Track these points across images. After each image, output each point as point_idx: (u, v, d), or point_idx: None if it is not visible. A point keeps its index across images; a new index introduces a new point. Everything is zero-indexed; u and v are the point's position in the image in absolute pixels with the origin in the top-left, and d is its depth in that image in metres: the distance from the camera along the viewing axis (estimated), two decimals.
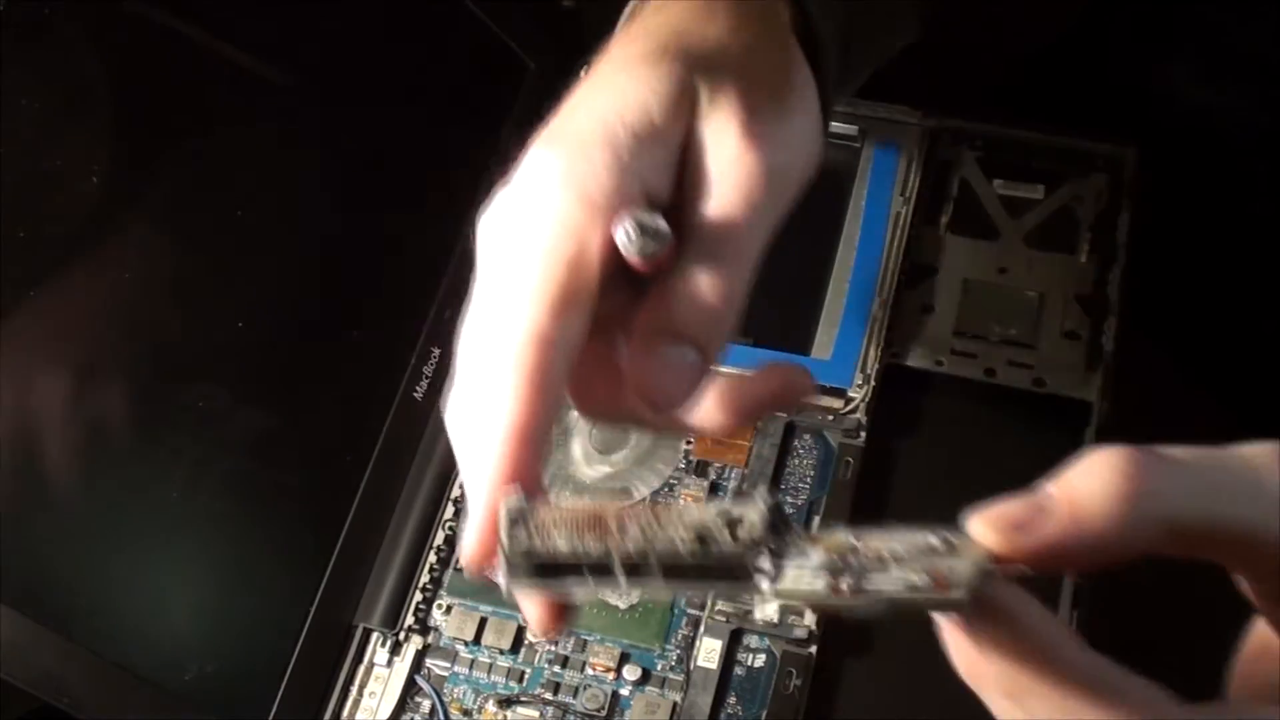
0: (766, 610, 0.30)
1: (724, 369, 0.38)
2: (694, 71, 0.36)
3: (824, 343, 0.59)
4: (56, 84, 0.49)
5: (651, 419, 0.37)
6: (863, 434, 0.57)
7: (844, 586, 0.29)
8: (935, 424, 0.59)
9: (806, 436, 0.58)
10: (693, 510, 0.31)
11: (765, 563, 0.30)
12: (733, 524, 0.30)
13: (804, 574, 0.30)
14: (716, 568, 0.30)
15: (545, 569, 0.31)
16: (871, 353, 0.58)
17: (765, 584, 0.30)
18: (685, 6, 0.38)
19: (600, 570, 0.31)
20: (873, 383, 0.58)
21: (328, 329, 0.58)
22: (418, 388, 0.60)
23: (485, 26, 0.66)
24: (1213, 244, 0.63)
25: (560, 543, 0.31)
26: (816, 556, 0.30)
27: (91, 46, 0.51)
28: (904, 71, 0.66)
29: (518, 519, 0.31)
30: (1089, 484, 0.29)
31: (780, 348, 0.59)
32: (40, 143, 0.48)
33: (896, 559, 0.30)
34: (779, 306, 0.61)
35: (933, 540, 0.31)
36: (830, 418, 0.58)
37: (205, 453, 0.52)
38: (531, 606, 0.34)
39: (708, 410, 0.39)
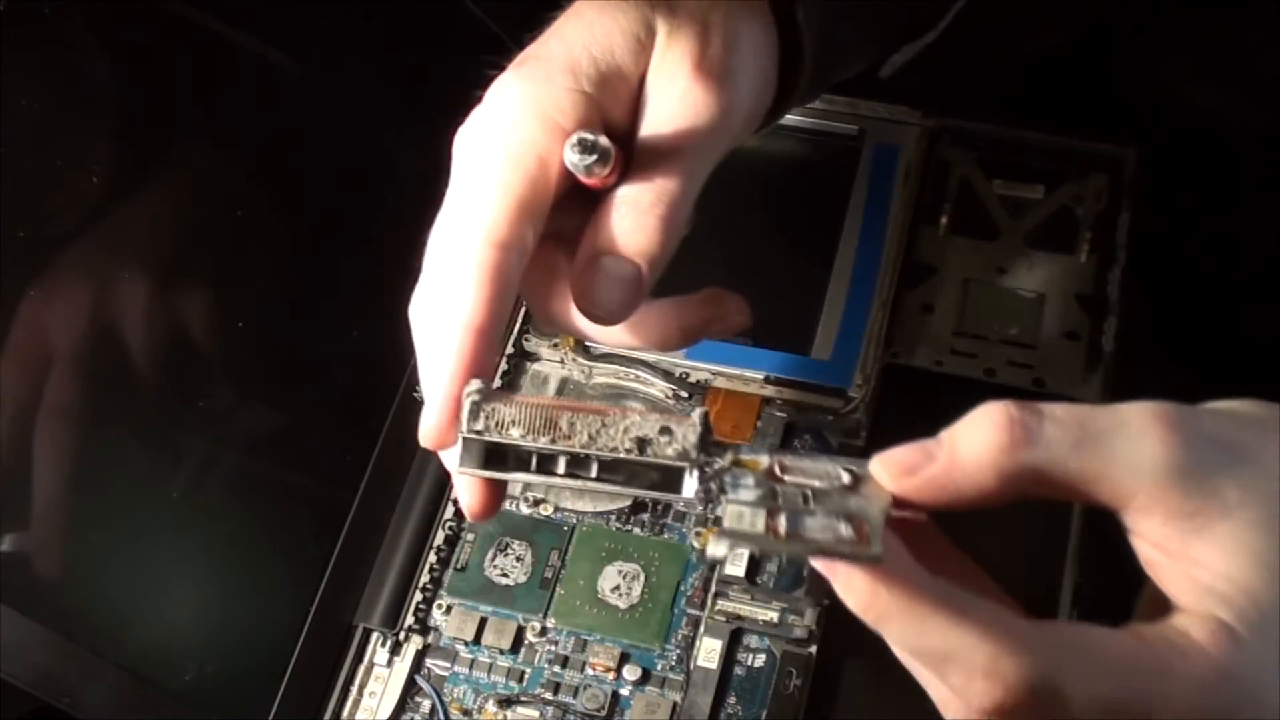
0: (716, 550, 0.32)
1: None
2: (657, 13, 0.39)
3: (824, 343, 0.59)
4: (56, 84, 0.49)
5: (595, 333, 0.41)
6: (863, 434, 0.57)
7: (781, 530, 0.32)
8: (935, 424, 0.58)
9: (806, 436, 0.58)
10: (635, 419, 0.34)
11: (691, 479, 0.34)
12: (669, 435, 0.34)
13: (744, 512, 0.32)
14: (648, 473, 0.34)
15: (496, 456, 0.34)
16: (871, 353, 0.58)
17: (691, 492, 0.34)
18: None
19: (545, 463, 0.34)
20: (873, 383, 0.58)
21: (328, 329, 0.58)
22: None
23: (485, 26, 0.66)
24: (1213, 244, 0.63)
25: (514, 433, 0.34)
26: (748, 491, 0.33)
27: (91, 46, 0.51)
28: (904, 71, 0.66)
29: (477, 409, 0.34)
30: (970, 436, 0.33)
31: (780, 348, 0.59)
32: (40, 143, 0.48)
33: (816, 496, 0.33)
34: (779, 306, 0.61)
35: (842, 474, 0.34)
36: (830, 418, 0.58)
37: (205, 452, 0.52)
38: (468, 492, 0.37)
39: (645, 327, 0.42)
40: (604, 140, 0.37)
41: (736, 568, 0.54)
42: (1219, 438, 0.33)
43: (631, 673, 0.53)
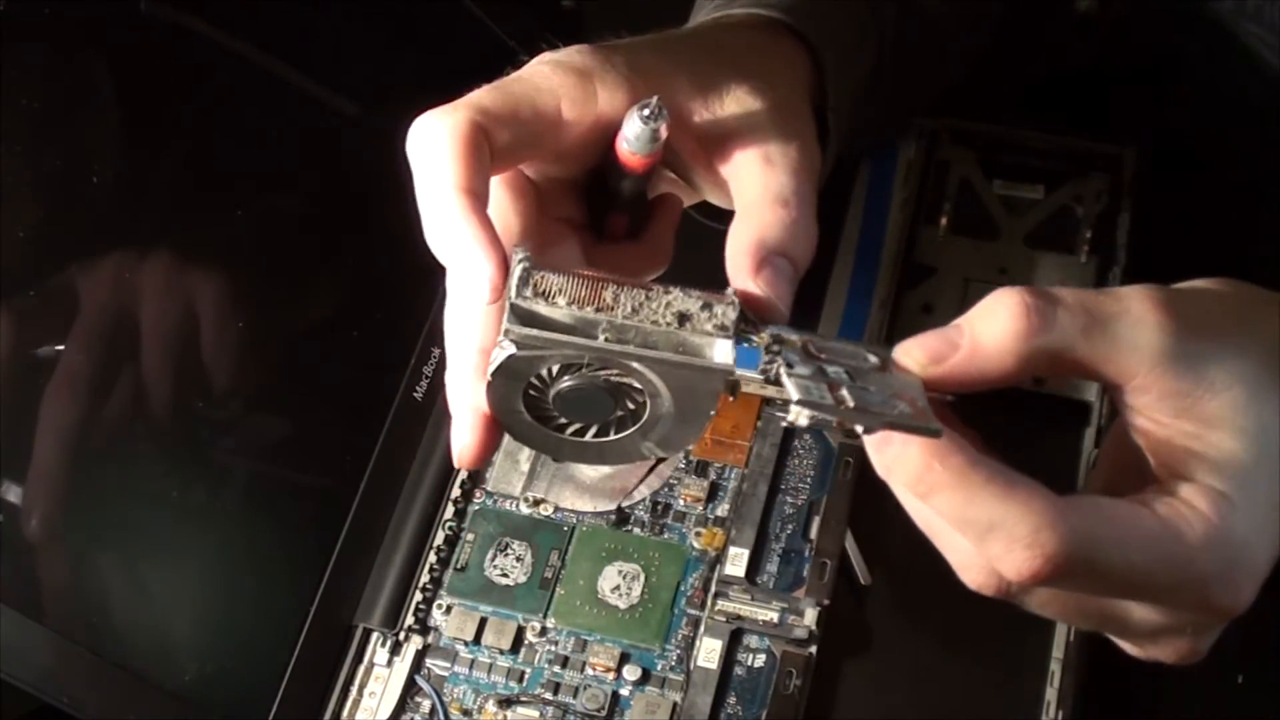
0: (799, 419, 0.34)
1: None
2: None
3: None
4: (57, 84, 0.49)
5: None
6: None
7: (849, 402, 0.33)
8: None
9: (806, 436, 0.58)
10: (677, 295, 0.35)
11: (728, 347, 0.35)
12: (709, 311, 0.35)
13: (809, 386, 0.34)
14: (689, 347, 0.35)
15: (542, 324, 0.35)
16: None
17: (729, 358, 0.35)
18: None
19: (587, 332, 0.35)
20: None
21: (328, 329, 0.58)
22: (418, 388, 0.60)
23: (485, 26, 0.66)
24: (1213, 244, 0.63)
25: (560, 302, 0.35)
26: (802, 368, 0.35)
27: (91, 46, 0.51)
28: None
29: (527, 276, 0.35)
30: (989, 323, 0.36)
31: None
32: (40, 143, 0.48)
33: (858, 375, 0.35)
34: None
35: (870, 358, 0.36)
36: None
37: (205, 453, 0.52)
38: (468, 430, 0.39)
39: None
40: (664, 126, 0.38)
41: (736, 568, 0.54)
42: (1206, 323, 0.36)
43: (631, 673, 0.53)
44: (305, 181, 0.58)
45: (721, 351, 0.36)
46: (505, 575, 0.56)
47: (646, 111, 0.37)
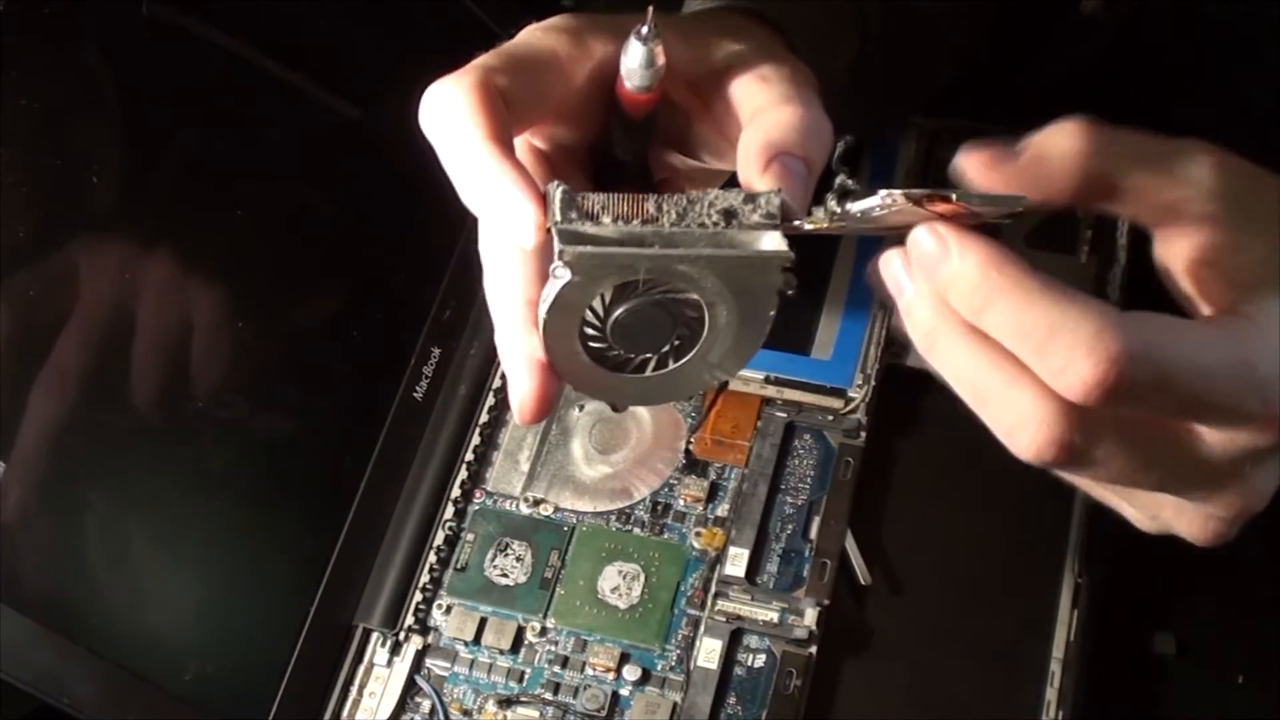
0: (867, 201, 0.35)
1: None
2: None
3: (824, 343, 0.59)
4: (57, 84, 0.49)
5: None
6: (863, 434, 0.57)
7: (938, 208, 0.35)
8: (935, 424, 0.59)
9: (806, 436, 0.58)
10: (718, 193, 0.35)
11: (778, 237, 0.35)
12: (753, 203, 0.35)
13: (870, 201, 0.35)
14: (740, 243, 0.35)
15: (590, 242, 0.35)
16: (871, 353, 0.58)
17: (783, 246, 0.35)
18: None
19: (638, 245, 0.35)
20: (873, 383, 0.58)
21: (328, 329, 0.58)
22: (418, 388, 0.60)
23: (485, 26, 0.66)
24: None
25: (605, 220, 0.35)
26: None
27: (91, 46, 0.51)
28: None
29: (570, 199, 0.35)
30: (1055, 139, 0.37)
31: (780, 348, 0.59)
32: (40, 143, 0.48)
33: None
34: (779, 306, 0.61)
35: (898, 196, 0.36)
36: (830, 418, 0.58)
37: (205, 452, 0.52)
38: (528, 381, 0.38)
39: None
40: (661, 62, 0.38)
41: (736, 568, 0.54)
42: (1256, 174, 0.38)
43: (631, 673, 0.53)
44: (305, 181, 0.58)
45: (773, 240, 0.35)
46: (505, 575, 0.56)
47: (644, 30, 0.37)
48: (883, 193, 0.34)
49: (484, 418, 0.60)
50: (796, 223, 0.36)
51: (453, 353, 0.61)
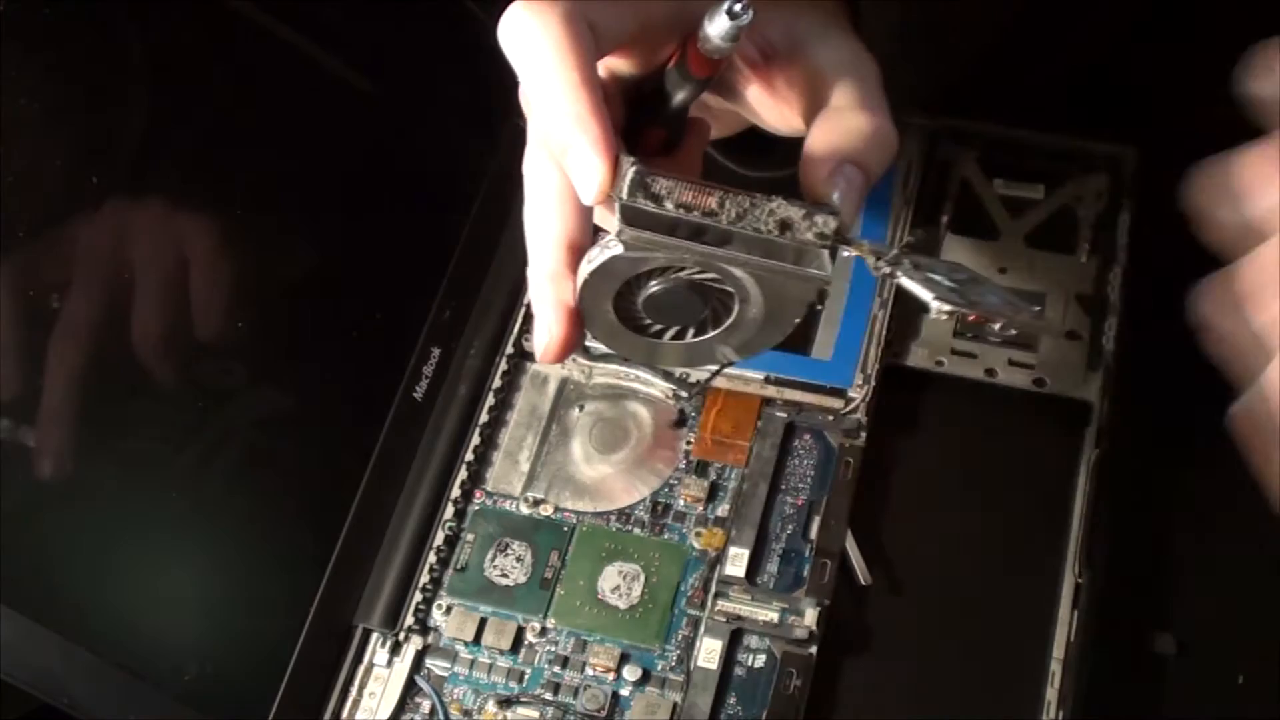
0: (941, 307, 0.36)
1: None
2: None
3: (824, 343, 0.59)
4: (57, 84, 0.49)
5: None
6: (863, 434, 0.57)
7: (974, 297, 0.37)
8: (935, 424, 0.59)
9: (806, 436, 0.58)
10: (780, 203, 0.36)
11: (827, 259, 0.36)
12: (810, 221, 0.36)
13: (931, 284, 0.36)
14: (787, 252, 0.36)
15: (649, 225, 0.36)
16: (871, 353, 0.58)
17: (821, 267, 0.36)
18: None
19: (693, 236, 0.36)
20: (873, 383, 0.58)
21: (328, 329, 0.58)
22: (418, 388, 0.60)
23: (485, 26, 0.66)
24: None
25: (668, 205, 0.36)
26: (915, 271, 0.36)
27: (92, 46, 0.51)
28: (905, 71, 0.65)
29: (640, 179, 0.36)
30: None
31: (780, 347, 0.59)
32: (40, 142, 0.48)
33: (959, 282, 0.38)
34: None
35: (964, 273, 0.39)
36: (830, 418, 0.58)
37: (205, 452, 0.52)
38: (555, 319, 0.39)
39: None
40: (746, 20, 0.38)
41: (736, 568, 0.54)
42: None
43: (631, 673, 0.53)
44: (304, 181, 0.58)
45: (821, 260, 0.36)
46: (505, 575, 0.56)
47: (738, 6, 0.37)
48: (935, 305, 0.35)
49: (484, 418, 0.60)
50: (846, 253, 0.37)
51: (453, 353, 0.61)
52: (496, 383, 0.61)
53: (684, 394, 0.59)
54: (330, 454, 0.57)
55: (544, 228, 0.40)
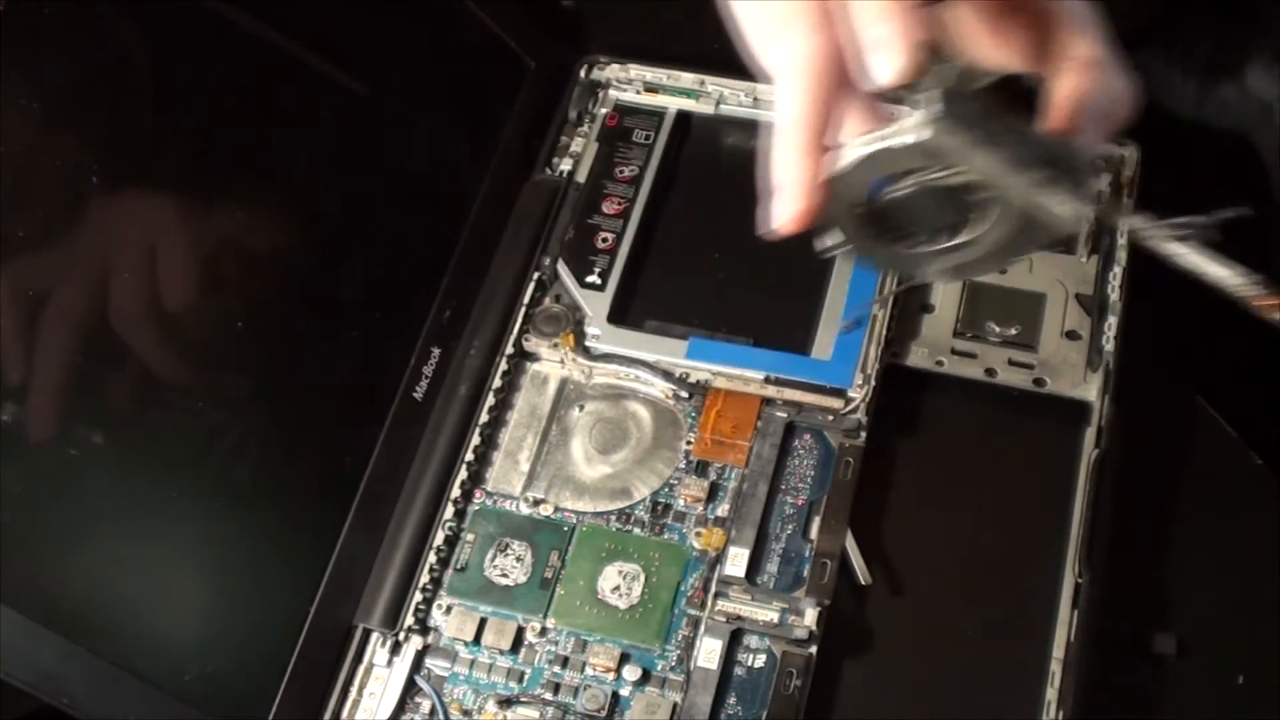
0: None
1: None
2: None
3: (824, 343, 0.59)
4: (57, 84, 0.49)
5: None
6: (863, 434, 0.57)
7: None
8: (935, 424, 0.59)
9: (806, 436, 0.58)
10: (1060, 144, 0.37)
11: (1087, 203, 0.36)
12: (1076, 164, 0.36)
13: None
14: (1052, 190, 0.36)
15: (944, 129, 0.36)
16: (871, 353, 0.58)
17: (1077, 209, 0.36)
18: None
19: (983, 143, 0.36)
20: (873, 383, 0.58)
21: (328, 329, 0.58)
22: (418, 388, 0.60)
23: (485, 26, 0.66)
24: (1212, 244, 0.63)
25: (971, 109, 0.36)
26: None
27: (91, 46, 0.51)
28: None
29: (963, 73, 0.36)
30: None
31: (780, 347, 0.59)
32: (40, 142, 0.48)
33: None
34: (779, 306, 0.61)
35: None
36: (830, 418, 0.58)
37: (204, 453, 0.52)
38: (798, 198, 0.39)
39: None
40: None
41: (736, 568, 0.54)
42: None
43: (631, 673, 0.53)
44: (304, 181, 0.58)
45: (1077, 205, 0.36)
46: (505, 575, 0.56)
47: None
48: (1237, 285, 0.36)
49: (484, 418, 0.60)
50: (1092, 208, 0.37)
51: (453, 353, 0.61)
52: (496, 383, 0.61)
53: (684, 394, 0.59)
54: (330, 454, 0.57)
55: (807, 105, 0.39)
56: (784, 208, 0.39)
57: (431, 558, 0.56)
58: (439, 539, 0.57)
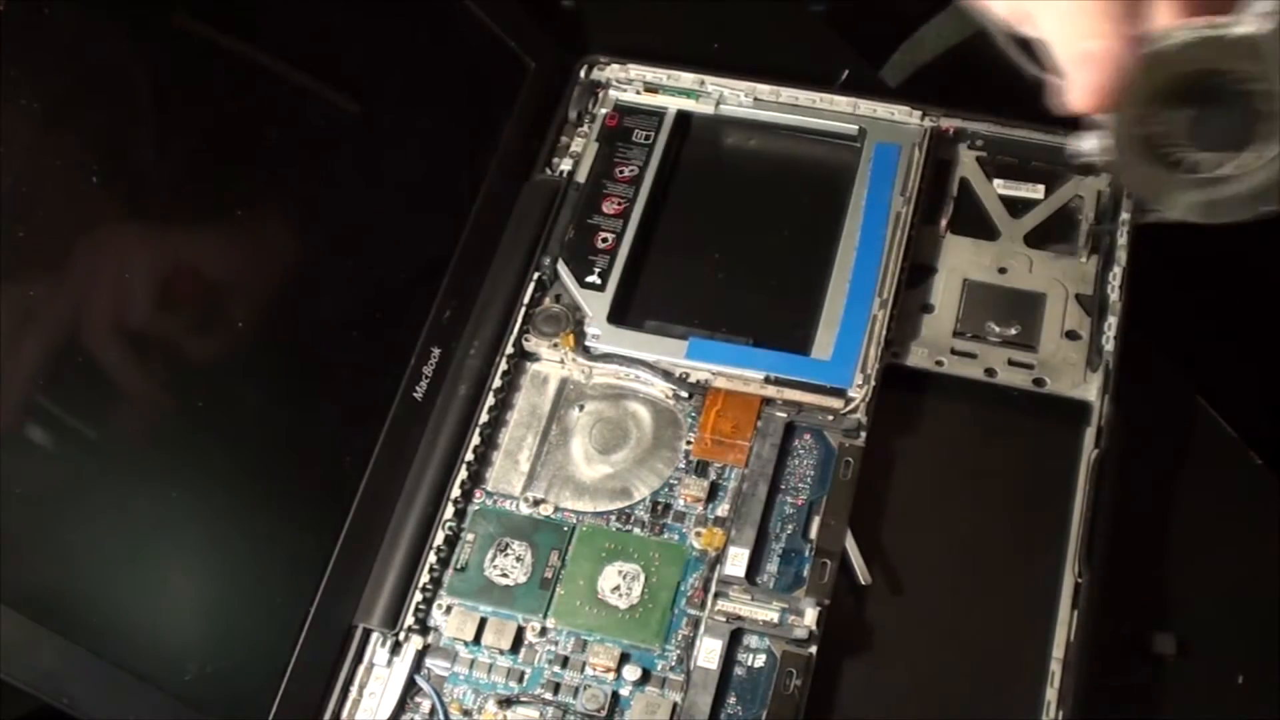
0: None
1: None
2: None
3: (824, 343, 0.59)
4: (56, 84, 0.49)
5: None
6: (863, 434, 0.57)
7: None
8: (935, 424, 0.59)
9: (806, 436, 0.58)
10: None
11: None
12: None
13: None
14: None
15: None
16: (871, 353, 0.58)
17: None
18: None
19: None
20: (873, 383, 0.58)
21: (328, 329, 0.58)
22: (418, 388, 0.60)
23: (485, 26, 0.66)
24: (1212, 244, 0.63)
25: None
26: None
27: (91, 46, 0.51)
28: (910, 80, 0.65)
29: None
30: None
31: (780, 347, 0.59)
32: (40, 142, 0.48)
33: None
34: (779, 306, 0.61)
35: None
36: (830, 418, 0.58)
37: (204, 453, 0.52)
38: (1090, 90, 0.37)
39: None
40: None
41: (736, 568, 0.54)
42: None
43: (631, 673, 0.53)
44: (305, 181, 0.58)
45: None
46: (505, 575, 0.56)
47: None
48: None
49: (484, 418, 0.60)
50: None
51: (453, 353, 0.61)
52: (496, 383, 0.61)
53: (684, 394, 0.59)
54: (330, 454, 0.57)
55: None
56: (1089, 77, 0.37)
57: (431, 557, 0.56)
58: (439, 539, 0.57)
